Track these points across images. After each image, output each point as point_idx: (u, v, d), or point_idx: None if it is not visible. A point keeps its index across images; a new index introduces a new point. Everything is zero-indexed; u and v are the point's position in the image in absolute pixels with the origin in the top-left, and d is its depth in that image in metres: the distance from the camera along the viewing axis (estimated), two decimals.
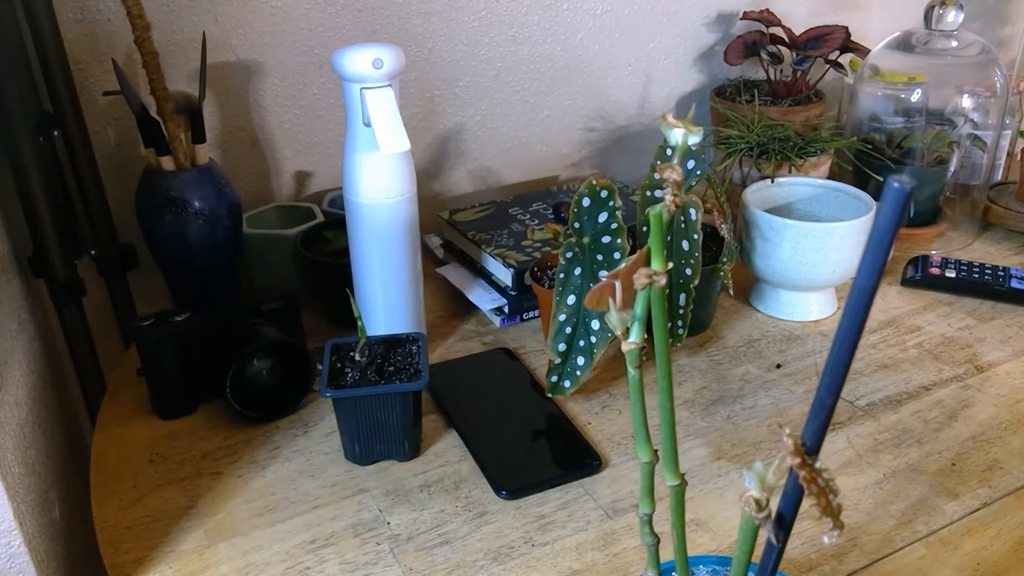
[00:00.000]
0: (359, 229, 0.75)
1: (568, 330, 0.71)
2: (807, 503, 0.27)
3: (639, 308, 0.31)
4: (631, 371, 0.33)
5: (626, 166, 1.22)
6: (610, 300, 0.30)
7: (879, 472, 0.66)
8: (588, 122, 1.17)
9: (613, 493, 0.65)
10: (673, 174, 0.28)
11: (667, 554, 0.41)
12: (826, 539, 0.27)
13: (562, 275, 0.71)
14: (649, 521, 0.38)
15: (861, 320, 0.25)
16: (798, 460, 0.26)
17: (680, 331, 0.77)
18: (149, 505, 0.64)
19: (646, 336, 0.32)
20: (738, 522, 0.61)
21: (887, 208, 0.23)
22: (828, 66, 1.14)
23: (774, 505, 0.29)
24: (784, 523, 0.29)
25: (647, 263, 0.29)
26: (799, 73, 1.13)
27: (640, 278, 0.29)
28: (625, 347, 0.32)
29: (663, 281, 0.29)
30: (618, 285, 0.30)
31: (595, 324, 0.71)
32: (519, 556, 0.59)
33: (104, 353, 0.88)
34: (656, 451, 0.35)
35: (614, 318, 0.31)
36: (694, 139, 0.29)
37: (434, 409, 0.74)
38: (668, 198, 0.28)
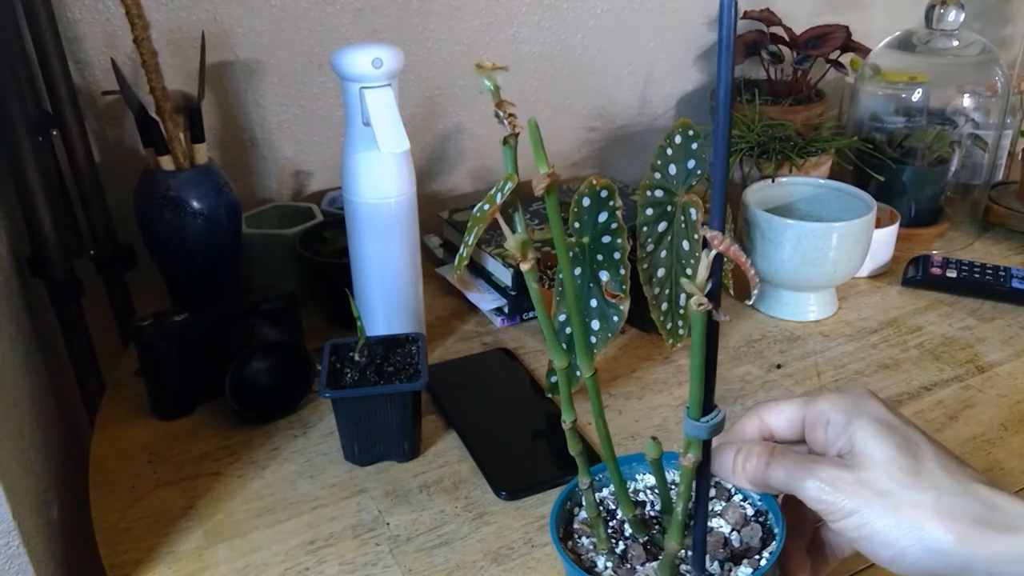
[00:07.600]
0: (359, 229, 0.75)
1: (568, 330, 0.71)
2: None
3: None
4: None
5: (626, 166, 1.22)
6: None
7: None
8: (588, 122, 1.17)
9: None
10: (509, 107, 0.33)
11: None
12: (755, 293, 0.35)
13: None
14: (573, 428, 0.42)
15: None
16: (724, 242, 0.32)
17: (680, 331, 0.77)
18: (148, 506, 0.64)
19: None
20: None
21: None
22: (829, 66, 1.14)
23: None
24: (716, 298, 0.35)
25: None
26: (800, 73, 1.13)
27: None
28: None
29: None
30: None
31: (595, 324, 0.70)
32: (519, 557, 0.59)
33: (103, 353, 0.88)
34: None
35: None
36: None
37: (434, 409, 0.74)
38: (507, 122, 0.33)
